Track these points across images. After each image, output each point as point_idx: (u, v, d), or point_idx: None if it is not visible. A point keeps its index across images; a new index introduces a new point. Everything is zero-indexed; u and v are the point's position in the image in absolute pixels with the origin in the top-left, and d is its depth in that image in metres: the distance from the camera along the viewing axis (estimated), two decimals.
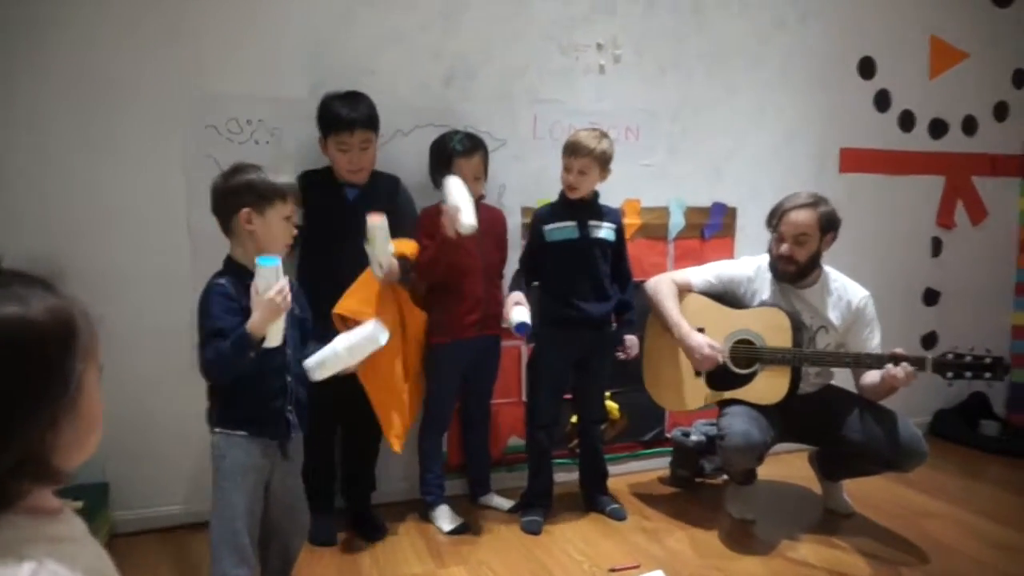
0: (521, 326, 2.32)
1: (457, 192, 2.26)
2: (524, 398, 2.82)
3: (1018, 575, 2.19)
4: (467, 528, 2.47)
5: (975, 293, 3.64)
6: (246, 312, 1.55)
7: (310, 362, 1.71)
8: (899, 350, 2.26)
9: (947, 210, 3.56)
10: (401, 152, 2.60)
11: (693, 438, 2.90)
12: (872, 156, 3.37)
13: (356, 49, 2.54)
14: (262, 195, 1.65)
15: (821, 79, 3.24)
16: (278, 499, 1.68)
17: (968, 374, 2.18)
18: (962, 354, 2.20)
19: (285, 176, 1.77)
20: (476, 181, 2.47)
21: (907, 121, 3.44)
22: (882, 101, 3.38)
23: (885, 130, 3.40)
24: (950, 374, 2.19)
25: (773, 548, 2.36)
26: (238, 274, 1.63)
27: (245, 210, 1.65)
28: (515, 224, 2.76)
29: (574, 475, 2.80)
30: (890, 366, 2.24)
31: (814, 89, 3.23)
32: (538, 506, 2.55)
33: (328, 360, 1.72)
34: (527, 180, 2.78)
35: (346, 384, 2.26)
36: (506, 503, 2.65)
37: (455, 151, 2.43)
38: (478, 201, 2.48)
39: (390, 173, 2.48)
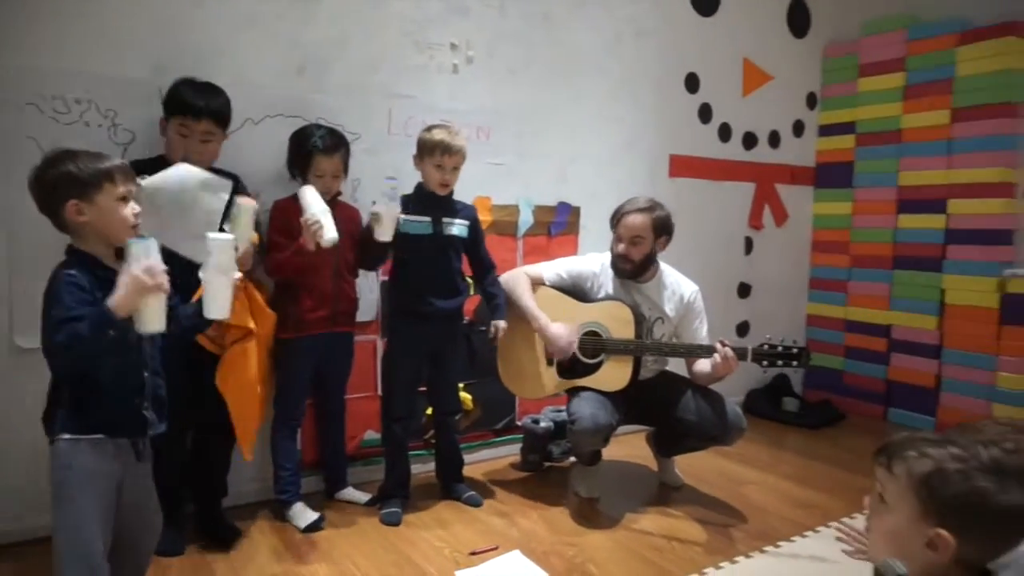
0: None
1: (316, 204, 2.25)
2: (379, 392, 2.83)
3: (815, 525, 2.53)
4: (325, 523, 2.44)
5: (779, 286, 4.15)
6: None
7: (209, 313, 1.65)
8: (725, 341, 2.53)
9: (757, 213, 4.02)
10: (251, 141, 2.51)
11: (542, 424, 3.05)
12: (697, 163, 3.73)
13: (206, 30, 2.41)
14: (86, 182, 1.48)
15: (654, 91, 3.54)
16: (129, 502, 1.57)
17: (780, 362, 2.49)
18: (775, 345, 2.50)
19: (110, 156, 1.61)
20: (335, 179, 2.45)
21: (725, 133, 3.84)
22: (705, 114, 3.75)
23: (707, 140, 3.78)
24: (765, 363, 2.49)
25: (617, 521, 2.56)
26: (88, 264, 1.50)
27: (71, 203, 1.48)
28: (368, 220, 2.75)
29: (430, 466, 2.85)
30: (717, 356, 2.50)
31: (648, 100, 3.52)
32: (396, 497, 2.57)
33: (210, 294, 1.65)
34: (382, 175, 2.76)
35: (199, 386, 2.17)
36: (364, 496, 2.64)
37: (316, 148, 2.38)
38: (334, 198, 2.46)
39: (229, 171, 2.32)
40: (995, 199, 3.47)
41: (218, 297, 1.64)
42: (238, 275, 1.71)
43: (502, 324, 2.62)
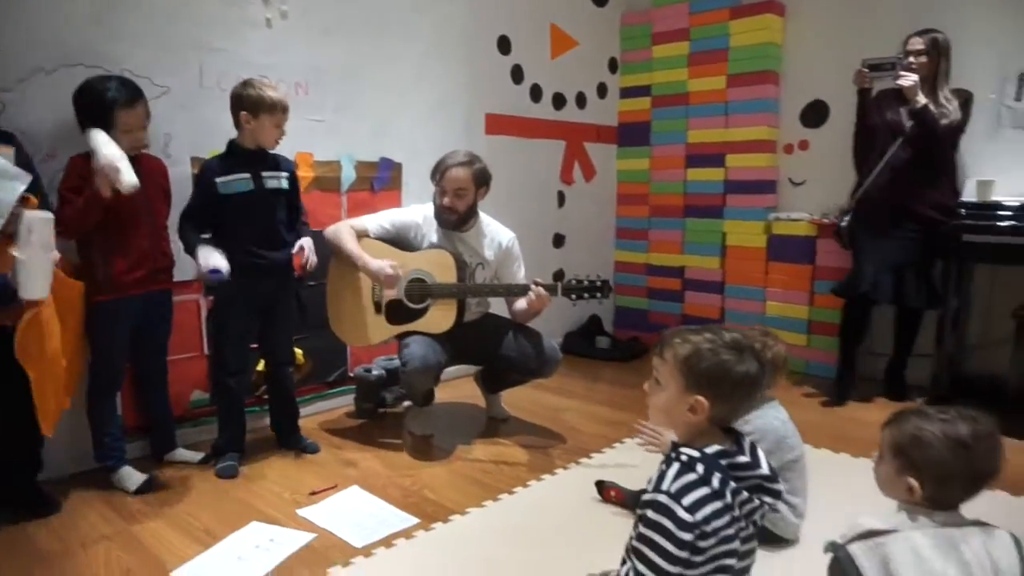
0: (215, 272, 2.32)
1: (108, 147, 2.15)
2: (207, 351, 2.79)
3: (622, 438, 2.88)
4: (156, 484, 2.41)
5: (589, 236, 4.52)
6: None
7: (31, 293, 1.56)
8: (538, 280, 2.78)
9: (567, 169, 4.34)
10: (43, 93, 2.34)
11: (375, 373, 3.17)
12: (510, 121, 3.96)
13: None
14: None
15: (467, 51, 3.69)
16: None
17: (586, 295, 2.78)
18: (581, 280, 2.78)
19: None
20: (141, 131, 2.36)
21: (536, 93, 4.09)
22: (517, 75, 3.97)
23: (520, 100, 4.01)
24: (574, 296, 2.77)
25: (451, 453, 2.76)
26: None
27: None
28: (185, 174, 2.68)
29: (263, 422, 2.88)
30: (532, 294, 2.74)
31: (462, 60, 3.67)
32: (232, 451, 2.59)
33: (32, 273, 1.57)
34: (196, 130, 2.71)
35: (4, 362, 2.04)
36: (196, 455, 2.62)
37: (115, 101, 2.26)
38: (140, 152, 2.38)
39: (6, 130, 2.15)
40: (762, 154, 4.04)
41: (39, 276, 1.57)
42: (56, 255, 1.64)
43: (310, 243, 2.65)
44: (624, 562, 1.36)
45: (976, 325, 3.44)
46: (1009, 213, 3.04)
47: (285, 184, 2.60)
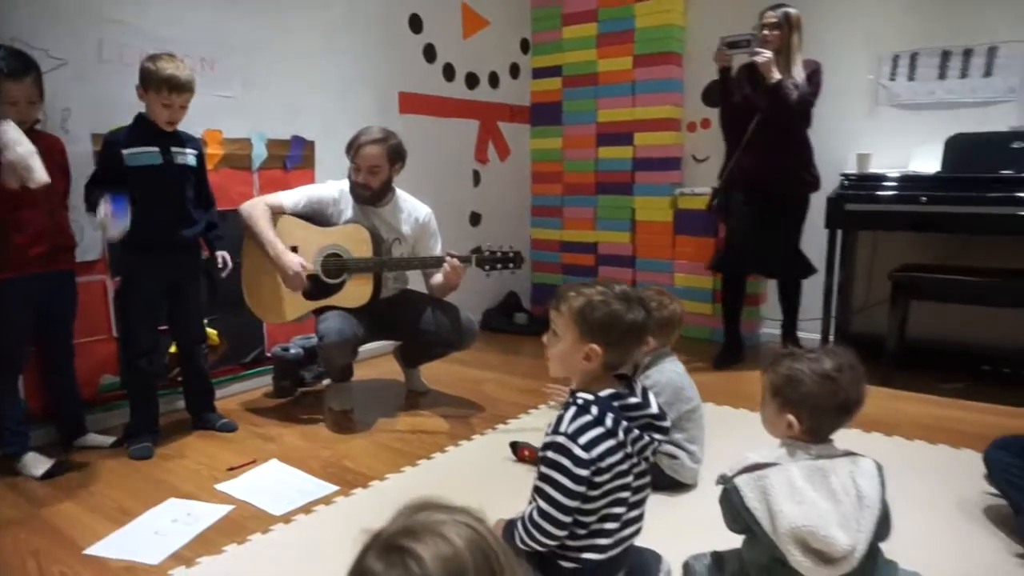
0: (118, 214, 2.29)
1: (21, 145, 2.09)
2: (115, 333, 2.74)
3: (537, 404, 3.00)
4: (65, 468, 2.36)
5: (505, 214, 4.61)
6: None
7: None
8: (452, 252, 2.85)
9: (482, 148, 4.41)
10: None
11: (292, 351, 3.17)
12: (424, 100, 3.99)
13: None
14: None
15: (379, 29, 3.70)
16: None
17: (499, 266, 2.87)
18: (494, 251, 2.87)
19: None
20: (31, 105, 2.29)
21: (449, 72, 4.14)
22: (430, 54, 4.00)
23: (433, 79, 4.05)
24: (487, 267, 2.86)
25: (371, 426, 2.81)
26: None
27: None
28: (85, 151, 2.61)
29: (177, 404, 2.85)
30: (447, 266, 2.81)
31: (374, 37, 3.68)
32: (146, 433, 2.55)
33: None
34: (96, 105, 2.64)
35: None
36: (107, 440, 2.58)
37: (2, 73, 2.19)
38: (32, 126, 2.31)
39: None
40: (667, 132, 4.22)
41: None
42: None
43: (227, 255, 2.70)
44: (530, 502, 1.46)
45: (860, 288, 3.73)
46: (889, 183, 3.31)
47: (193, 161, 2.57)
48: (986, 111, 3.40)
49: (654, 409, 1.47)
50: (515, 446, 2.42)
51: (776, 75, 3.19)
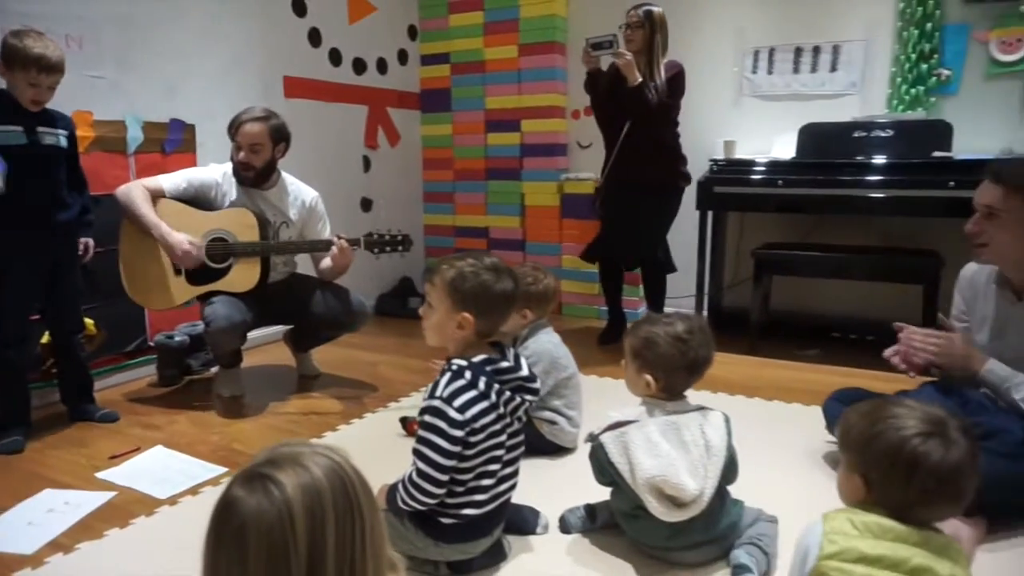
0: None
1: None
2: None
3: (428, 381, 3.08)
4: None
5: (397, 200, 4.65)
6: None
7: None
8: (341, 235, 2.88)
9: (371, 134, 4.43)
10: None
11: (177, 339, 3.11)
12: (310, 85, 3.96)
13: None
14: None
15: (261, 11, 3.64)
16: None
17: (388, 248, 2.91)
18: (383, 234, 2.92)
19: None
20: None
21: (336, 57, 4.12)
22: (315, 38, 3.97)
23: (319, 64, 4.02)
24: (376, 249, 2.90)
25: (264, 410, 2.80)
26: None
27: None
28: None
29: (52, 398, 2.75)
30: (335, 249, 2.84)
31: (255, 20, 3.61)
32: (17, 426, 2.45)
33: None
34: None
35: None
36: None
37: None
38: None
39: None
40: (553, 119, 4.38)
41: None
42: None
43: (91, 241, 2.63)
44: (412, 465, 1.55)
45: (730, 266, 4.03)
46: (752, 168, 3.59)
47: (64, 142, 2.48)
48: (833, 103, 3.74)
49: (525, 372, 1.59)
50: (404, 421, 2.50)
51: (637, 77, 3.23)
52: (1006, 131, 3.38)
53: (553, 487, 2.02)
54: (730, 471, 1.64)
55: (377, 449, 2.38)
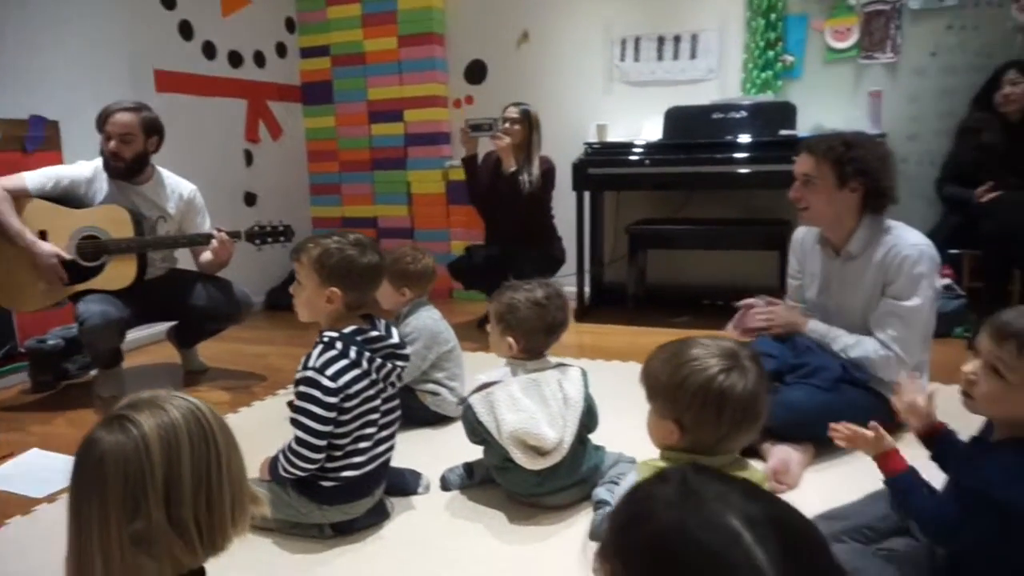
0: None
1: None
2: None
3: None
4: None
5: (283, 193, 4.62)
6: None
7: None
8: (220, 228, 2.87)
9: (252, 127, 4.38)
10: None
11: (51, 342, 3.01)
12: (184, 79, 3.88)
13: None
14: None
15: (127, 3, 3.54)
16: None
17: (270, 239, 2.93)
18: (264, 226, 2.94)
19: None
20: None
21: (210, 51, 4.05)
22: (186, 31, 3.90)
23: (192, 57, 3.94)
24: (258, 241, 2.91)
25: None
26: None
27: None
28: None
29: None
30: (215, 242, 2.83)
31: (120, 11, 3.51)
32: None
33: None
34: None
35: None
36: None
37: None
38: None
39: None
40: (435, 108, 4.47)
41: None
42: None
43: None
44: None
45: (609, 244, 4.26)
46: (623, 150, 3.81)
47: None
48: (694, 87, 4.02)
49: (395, 340, 1.69)
50: (292, 404, 2.54)
51: (512, 166, 3.42)
52: (842, 109, 3.75)
53: (436, 454, 2.13)
54: (589, 419, 1.81)
55: (266, 433, 2.39)
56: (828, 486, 1.86)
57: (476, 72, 4.48)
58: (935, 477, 1.34)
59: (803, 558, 0.54)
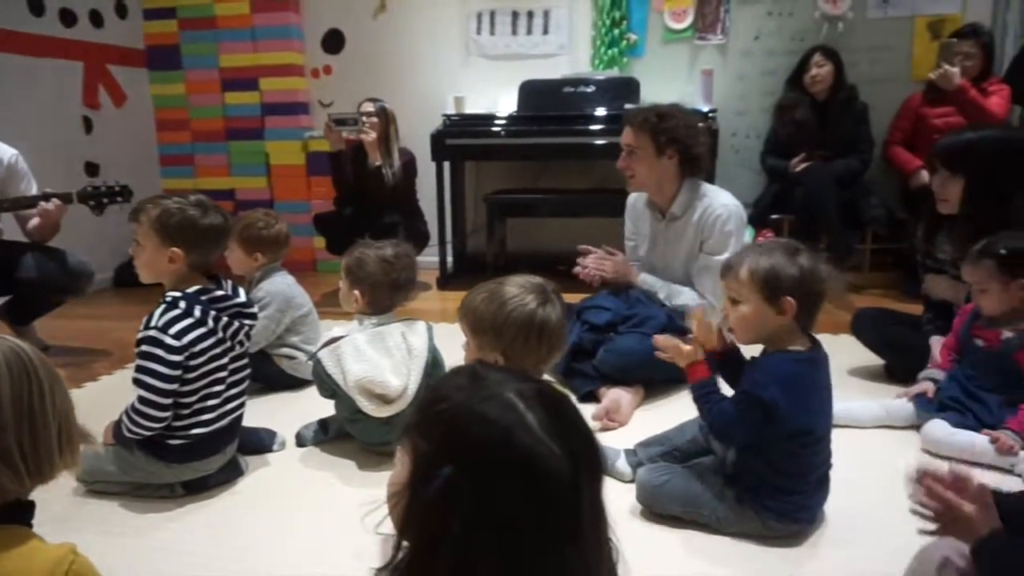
0: None
1: None
2: None
3: None
4: None
5: (129, 164, 4.36)
6: None
7: None
8: (48, 190, 2.71)
9: (91, 92, 4.12)
10: None
11: None
12: (7, 36, 3.58)
13: None
14: None
15: None
16: None
17: (106, 200, 2.77)
18: (98, 186, 2.78)
19: None
20: None
21: (37, 7, 3.76)
22: None
23: (16, 13, 3.64)
24: (92, 202, 2.75)
25: None
26: None
27: None
28: None
29: None
30: (43, 203, 2.67)
31: None
32: None
33: None
34: None
35: None
36: None
37: None
38: None
39: None
40: (292, 78, 4.39)
41: None
42: None
43: None
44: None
45: (470, 214, 4.39)
46: (480, 121, 3.93)
47: None
48: (547, 62, 4.20)
49: (241, 299, 1.73)
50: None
51: (376, 160, 3.47)
52: (679, 85, 4.05)
53: (294, 416, 2.17)
54: (435, 370, 1.92)
55: (113, 405, 2.34)
56: (653, 422, 2.09)
57: (333, 41, 4.43)
58: None
59: (563, 419, 0.69)
